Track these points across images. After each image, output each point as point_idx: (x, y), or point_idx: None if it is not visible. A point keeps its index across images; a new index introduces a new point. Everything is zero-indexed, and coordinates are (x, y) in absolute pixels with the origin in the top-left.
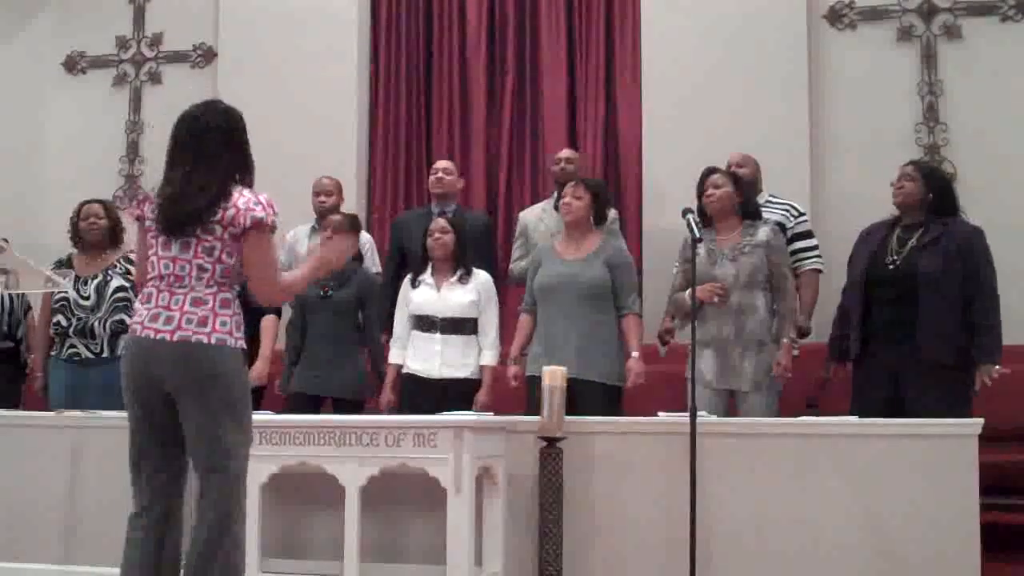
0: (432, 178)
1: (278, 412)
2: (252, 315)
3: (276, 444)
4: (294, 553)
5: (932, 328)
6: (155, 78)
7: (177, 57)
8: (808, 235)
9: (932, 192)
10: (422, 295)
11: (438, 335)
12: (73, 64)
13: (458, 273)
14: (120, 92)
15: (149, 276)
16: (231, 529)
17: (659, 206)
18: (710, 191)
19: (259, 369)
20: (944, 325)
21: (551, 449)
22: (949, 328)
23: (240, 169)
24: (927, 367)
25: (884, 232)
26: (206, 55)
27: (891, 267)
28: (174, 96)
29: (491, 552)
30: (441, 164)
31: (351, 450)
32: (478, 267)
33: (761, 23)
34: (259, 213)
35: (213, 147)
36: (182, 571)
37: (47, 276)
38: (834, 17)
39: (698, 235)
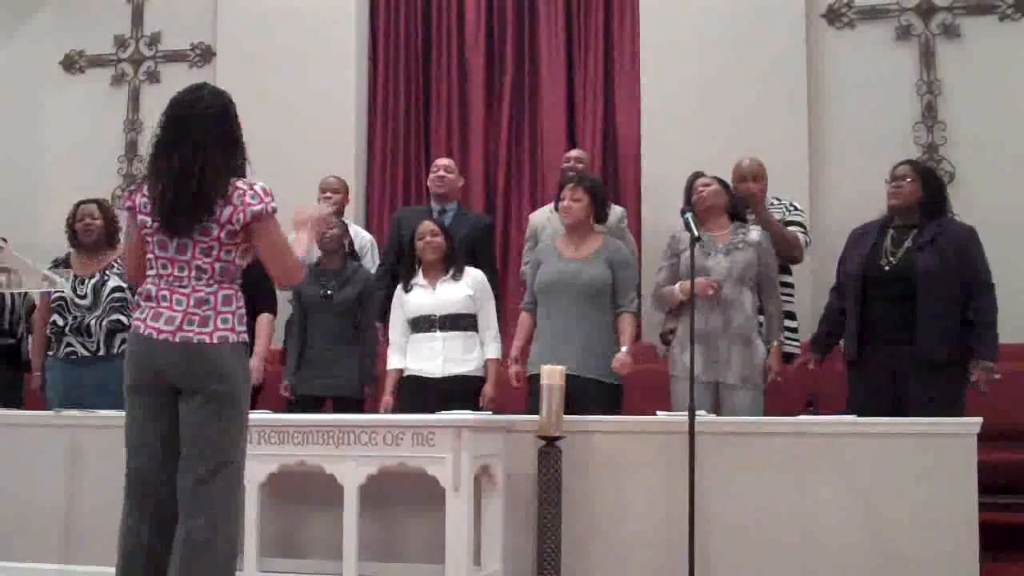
0: (433, 176)
1: (278, 412)
2: (248, 314)
3: (275, 444)
4: (293, 552)
5: (932, 327)
6: (153, 77)
7: (175, 56)
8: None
9: (927, 193)
10: (417, 297)
11: (438, 332)
12: (71, 63)
13: (451, 271)
14: (118, 91)
15: (148, 273)
16: (228, 524)
17: (658, 205)
18: (700, 188)
19: (254, 366)
20: (943, 324)
21: (550, 448)
22: (948, 326)
23: (234, 158)
24: (926, 365)
25: (877, 233)
26: (204, 54)
27: (887, 267)
28: (173, 95)
29: (490, 551)
30: (442, 162)
31: (350, 449)
32: (478, 267)
33: (760, 22)
34: (256, 206)
35: (205, 137)
36: (178, 564)
37: (45, 275)
38: (833, 16)
39: (696, 234)
